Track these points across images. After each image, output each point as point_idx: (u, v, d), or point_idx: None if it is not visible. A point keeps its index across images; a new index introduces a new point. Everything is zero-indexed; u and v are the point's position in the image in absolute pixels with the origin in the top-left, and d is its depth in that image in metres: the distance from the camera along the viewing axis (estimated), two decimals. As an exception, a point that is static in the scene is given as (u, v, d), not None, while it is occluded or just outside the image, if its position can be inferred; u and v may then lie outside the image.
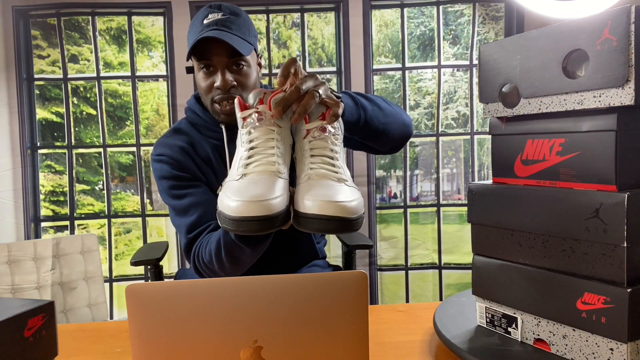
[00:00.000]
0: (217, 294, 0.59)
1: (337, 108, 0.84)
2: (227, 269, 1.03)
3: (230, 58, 1.11)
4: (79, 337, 0.97)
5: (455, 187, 2.51)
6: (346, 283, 0.60)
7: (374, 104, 1.04)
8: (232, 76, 1.12)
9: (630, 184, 0.68)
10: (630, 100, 0.64)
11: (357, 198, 0.77)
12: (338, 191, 0.76)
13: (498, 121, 0.84)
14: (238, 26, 1.12)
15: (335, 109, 0.84)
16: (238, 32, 1.10)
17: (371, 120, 1.01)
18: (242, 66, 1.14)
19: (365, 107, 1.00)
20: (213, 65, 1.12)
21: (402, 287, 2.51)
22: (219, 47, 1.09)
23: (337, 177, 0.79)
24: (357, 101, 1.00)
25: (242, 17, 1.15)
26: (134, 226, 2.45)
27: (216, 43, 1.08)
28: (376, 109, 1.04)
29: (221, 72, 1.11)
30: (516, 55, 0.78)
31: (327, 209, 0.72)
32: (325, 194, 0.74)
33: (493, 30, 2.43)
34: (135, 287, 0.57)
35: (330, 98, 0.85)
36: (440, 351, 0.84)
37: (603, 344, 0.68)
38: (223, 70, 1.11)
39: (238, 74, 1.14)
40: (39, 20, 2.33)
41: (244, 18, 1.16)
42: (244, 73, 1.15)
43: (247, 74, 1.15)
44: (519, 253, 0.79)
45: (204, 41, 1.08)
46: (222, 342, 0.58)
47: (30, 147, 2.36)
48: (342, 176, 0.80)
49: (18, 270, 1.94)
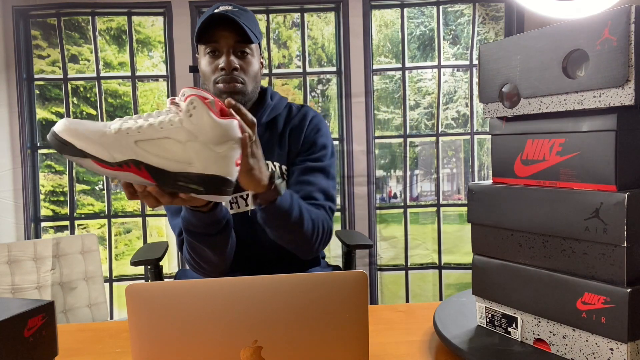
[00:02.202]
0: (217, 294, 0.59)
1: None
2: (202, 266, 1.11)
3: (237, 42, 1.16)
4: (79, 337, 0.97)
5: (455, 187, 2.51)
6: (346, 283, 0.60)
7: (297, 217, 1.06)
8: (236, 60, 1.17)
9: (630, 184, 0.68)
10: (630, 100, 0.64)
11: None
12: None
13: (498, 121, 0.84)
14: (247, 18, 1.17)
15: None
16: (246, 22, 1.15)
17: (281, 216, 1.03)
18: (246, 54, 1.18)
19: (290, 208, 1.04)
20: (219, 49, 1.16)
21: (402, 287, 2.51)
22: (226, 31, 1.14)
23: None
24: (292, 198, 1.05)
25: (251, 14, 1.22)
26: (134, 226, 2.45)
27: (224, 27, 1.14)
28: (295, 220, 1.06)
29: (226, 54, 1.16)
30: (516, 55, 0.78)
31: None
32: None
33: (493, 30, 2.43)
34: (135, 287, 0.57)
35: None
36: (440, 351, 0.84)
37: (603, 344, 0.68)
38: (228, 53, 1.16)
39: (242, 59, 1.18)
40: (39, 20, 2.33)
41: (252, 15, 1.22)
42: (247, 60, 1.19)
43: (250, 62, 1.19)
44: (519, 253, 0.79)
45: (212, 26, 1.14)
46: (222, 342, 0.58)
47: (30, 147, 2.36)
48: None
49: (18, 270, 1.94)
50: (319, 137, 1.27)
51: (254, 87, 1.23)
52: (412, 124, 2.47)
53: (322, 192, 1.20)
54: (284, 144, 1.26)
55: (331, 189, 1.24)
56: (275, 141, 1.26)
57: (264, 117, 1.25)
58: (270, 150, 1.24)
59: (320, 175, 1.22)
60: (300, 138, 1.26)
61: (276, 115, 1.28)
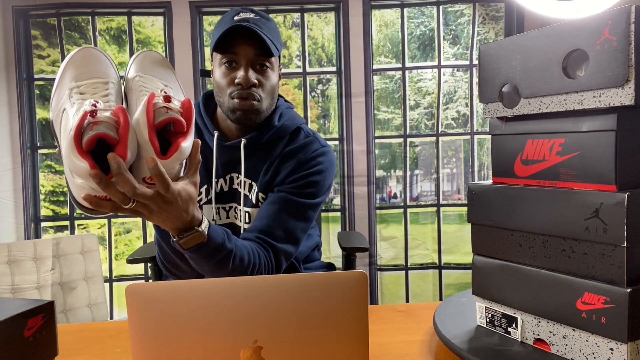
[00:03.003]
0: (217, 294, 0.59)
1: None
2: (173, 272, 1.07)
3: (256, 56, 1.09)
4: (79, 337, 0.97)
5: (455, 187, 2.51)
6: (346, 283, 0.60)
7: (228, 260, 0.95)
8: (254, 75, 1.10)
9: (630, 184, 0.68)
10: (630, 100, 0.64)
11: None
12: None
13: (498, 121, 0.84)
14: (268, 28, 1.11)
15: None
16: (268, 33, 1.09)
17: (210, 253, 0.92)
18: (266, 67, 1.12)
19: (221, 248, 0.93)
20: (237, 60, 1.10)
21: (402, 287, 2.51)
22: (246, 42, 1.08)
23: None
24: (227, 234, 0.95)
25: (273, 23, 1.15)
26: (134, 226, 2.45)
27: (243, 39, 1.07)
28: (223, 262, 0.95)
29: (245, 67, 1.09)
30: (516, 55, 0.78)
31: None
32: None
33: (493, 30, 2.42)
34: (135, 287, 0.58)
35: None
36: (440, 351, 0.84)
37: (603, 344, 0.68)
38: (247, 66, 1.09)
39: (261, 74, 1.12)
40: (39, 20, 2.33)
41: (274, 25, 1.15)
42: (266, 75, 1.12)
43: (269, 77, 1.13)
44: (519, 253, 0.79)
45: (231, 35, 1.07)
46: (222, 342, 0.58)
47: (30, 147, 2.36)
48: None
49: (18, 270, 1.94)
50: (313, 174, 1.16)
51: (270, 104, 1.16)
52: (412, 124, 2.47)
53: (285, 232, 1.10)
54: (271, 170, 1.16)
55: (298, 230, 1.12)
56: (263, 165, 1.17)
57: (264, 138, 1.16)
58: (255, 172, 1.17)
59: (294, 212, 1.12)
60: (291, 166, 1.15)
61: (278, 137, 1.19)
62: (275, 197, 1.13)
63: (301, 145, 1.19)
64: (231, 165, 1.18)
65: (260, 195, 1.15)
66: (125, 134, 0.68)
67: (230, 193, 1.18)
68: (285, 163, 1.16)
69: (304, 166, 1.16)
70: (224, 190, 1.18)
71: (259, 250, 1.04)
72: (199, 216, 0.86)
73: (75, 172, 0.70)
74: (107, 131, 0.67)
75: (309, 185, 1.15)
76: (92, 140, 0.67)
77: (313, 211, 1.17)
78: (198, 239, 0.87)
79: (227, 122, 1.19)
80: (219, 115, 1.22)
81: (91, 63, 0.80)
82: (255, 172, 1.17)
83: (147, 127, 0.70)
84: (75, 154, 0.67)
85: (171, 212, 0.79)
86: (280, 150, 1.18)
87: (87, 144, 0.67)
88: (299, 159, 1.16)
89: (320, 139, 1.23)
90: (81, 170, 0.68)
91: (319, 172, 1.17)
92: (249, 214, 1.16)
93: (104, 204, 0.73)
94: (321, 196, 1.18)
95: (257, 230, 1.08)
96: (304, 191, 1.14)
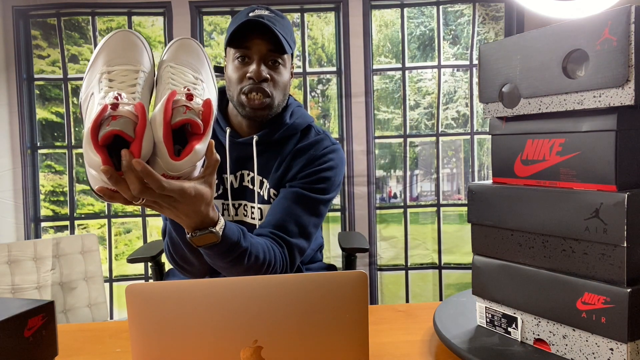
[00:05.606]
0: (217, 294, 0.59)
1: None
2: (183, 267, 1.06)
3: (269, 51, 1.10)
4: (79, 337, 0.97)
5: (455, 187, 2.51)
6: (346, 283, 0.60)
7: (244, 258, 0.96)
8: (266, 70, 1.11)
9: (630, 184, 0.68)
10: (630, 100, 0.64)
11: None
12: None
13: (498, 121, 0.84)
14: (282, 26, 1.12)
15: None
16: (281, 30, 1.10)
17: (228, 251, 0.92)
18: (278, 64, 1.13)
19: (238, 245, 0.93)
20: (250, 55, 1.11)
21: (402, 287, 2.51)
22: (259, 38, 1.09)
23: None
24: (242, 232, 0.95)
25: (287, 21, 1.16)
26: (134, 226, 2.45)
27: (257, 34, 1.08)
28: (240, 260, 0.95)
29: (257, 62, 1.10)
30: (516, 55, 0.78)
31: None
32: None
33: (493, 30, 2.42)
34: (135, 287, 0.58)
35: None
36: (440, 351, 0.84)
37: (603, 344, 0.68)
38: (259, 61, 1.11)
39: (273, 70, 1.13)
40: (39, 20, 2.33)
41: (289, 23, 1.16)
42: (279, 71, 1.13)
43: (281, 73, 1.14)
44: (519, 253, 0.79)
45: (245, 31, 1.08)
46: (222, 342, 0.58)
47: (30, 147, 2.36)
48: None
49: (18, 270, 1.94)
50: (325, 170, 1.17)
51: (281, 100, 1.17)
52: (412, 124, 2.47)
53: (298, 226, 1.10)
54: (283, 166, 1.17)
55: (311, 226, 1.14)
56: (274, 162, 1.18)
57: (276, 135, 1.18)
58: (266, 169, 1.18)
59: (306, 206, 1.13)
60: (302, 162, 1.17)
61: (290, 134, 1.20)
62: (288, 192, 1.14)
63: (312, 142, 1.20)
64: (242, 161, 1.19)
65: (272, 192, 1.17)
66: (142, 133, 0.69)
67: (240, 190, 1.20)
68: (297, 159, 1.17)
69: (316, 162, 1.17)
70: (234, 187, 1.19)
71: (274, 247, 1.05)
72: (214, 216, 0.86)
73: (89, 164, 0.71)
74: (123, 129, 0.68)
75: (320, 181, 1.16)
76: (107, 136, 0.68)
77: (324, 207, 1.18)
78: (210, 239, 0.87)
79: (238, 119, 1.20)
80: (231, 110, 1.23)
81: (126, 48, 0.81)
82: (267, 169, 1.18)
83: (162, 127, 0.71)
84: (91, 147, 0.68)
85: (181, 209, 0.79)
86: (291, 147, 1.19)
87: (102, 139, 0.68)
88: (310, 155, 1.18)
89: (331, 137, 1.25)
90: (95, 163, 0.69)
91: (330, 168, 1.18)
92: (261, 210, 1.17)
93: (116, 196, 0.74)
94: (332, 192, 1.20)
95: (271, 225, 1.09)
96: (316, 186, 1.15)
